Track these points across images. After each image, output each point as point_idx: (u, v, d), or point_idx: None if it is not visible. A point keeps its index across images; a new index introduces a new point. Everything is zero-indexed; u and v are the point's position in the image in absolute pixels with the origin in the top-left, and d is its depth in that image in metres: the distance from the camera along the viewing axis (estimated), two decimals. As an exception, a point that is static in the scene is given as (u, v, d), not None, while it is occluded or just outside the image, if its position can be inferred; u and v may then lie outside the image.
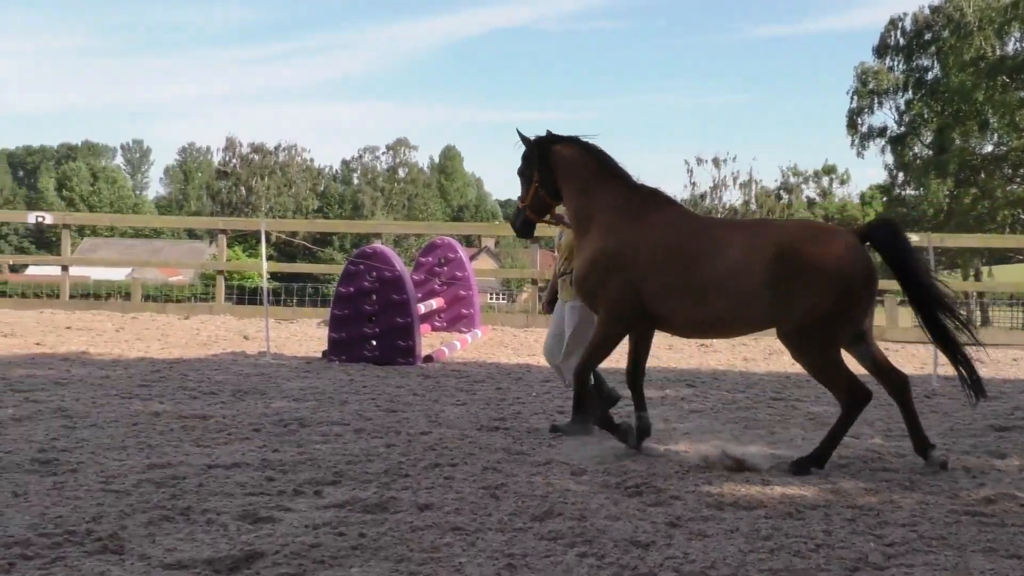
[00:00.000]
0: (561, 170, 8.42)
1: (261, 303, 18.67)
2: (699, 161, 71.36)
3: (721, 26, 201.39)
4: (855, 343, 7.76)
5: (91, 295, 23.93)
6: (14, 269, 65.13)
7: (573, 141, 8.50)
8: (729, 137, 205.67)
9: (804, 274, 7.40)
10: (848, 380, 7.56)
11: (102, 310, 19.12)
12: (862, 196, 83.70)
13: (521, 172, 8.69)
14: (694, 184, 71.36)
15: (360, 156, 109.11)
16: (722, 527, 5.94)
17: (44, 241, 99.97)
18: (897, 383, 7.76)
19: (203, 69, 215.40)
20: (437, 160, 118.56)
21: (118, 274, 58.53)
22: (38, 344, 14.17)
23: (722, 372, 13.37)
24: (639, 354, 8.45)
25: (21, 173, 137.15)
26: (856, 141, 65.95)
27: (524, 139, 8.68)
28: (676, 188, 72.90)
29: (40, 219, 20.99)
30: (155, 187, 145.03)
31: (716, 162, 71.15)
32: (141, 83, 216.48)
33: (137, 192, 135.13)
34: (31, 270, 65.16)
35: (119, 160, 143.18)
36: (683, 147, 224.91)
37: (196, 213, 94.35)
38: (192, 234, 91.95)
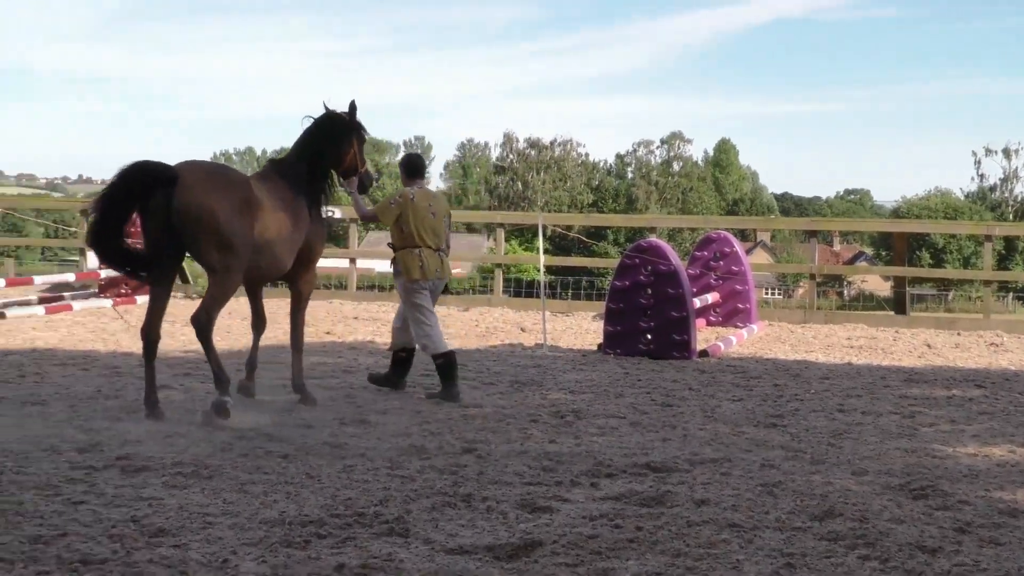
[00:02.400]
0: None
1: (538, 296, 18.94)
2: (987, 152, 68.14)
3: (1009, 11, 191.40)
4: None
5: (376, 287, 24.79)
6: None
7: None
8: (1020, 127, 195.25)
9: None
10: None
11: (387, 301, 19.75)
12: None
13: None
14: (982, 176, 68.25)
15: (634, 150, 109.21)
16: (1016, 535, 5.68)
17: (332, 235, 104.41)
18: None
19: (482, 66, 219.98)
20: (712, 153, 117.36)
21: (401, 267, 60.35)
22: (328, 333, 14.82)
23: (1013, 373, 12.75)
24: None
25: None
26: None
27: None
28: (963, 180, 69.95)
29: (330, 213, 21.85)
30: (435, 182, 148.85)
31: (1007, 152, 67.80)
32: (423, 81, 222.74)
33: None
34: (321, 262, 68.05)
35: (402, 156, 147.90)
36: (968, 138, 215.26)
37: (474, 207, 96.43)
38: (470, 228, 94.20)
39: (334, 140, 9.43)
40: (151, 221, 8.27)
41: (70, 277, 18.93)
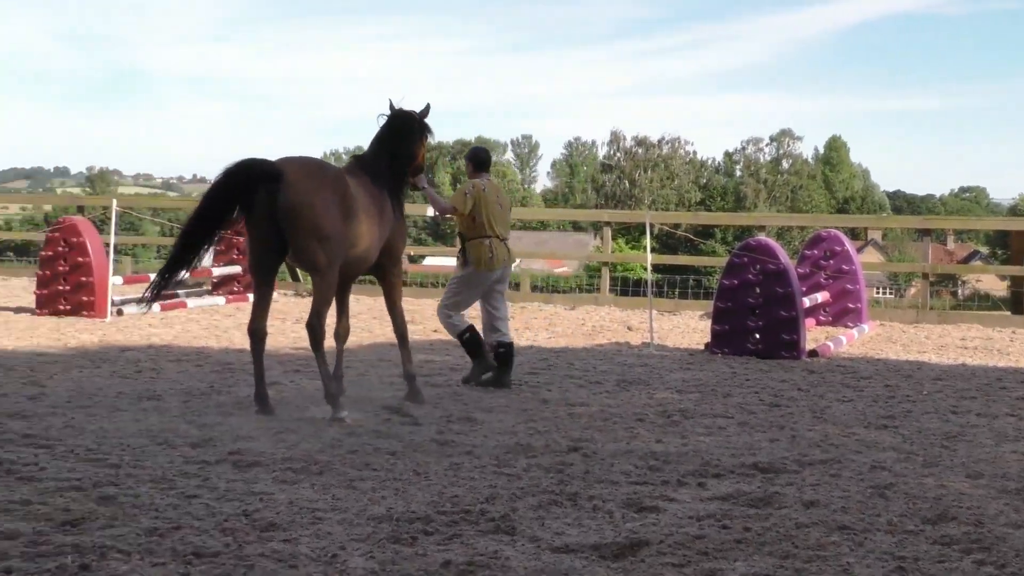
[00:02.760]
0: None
1: (644, 294, 18.86)
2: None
3: None
4: None
5: (482, 285, 24.87)
6: (413, 260, 68.69)
7: None
8: None
9: None
10: None
11: (493, 300, 19.81)
12: None
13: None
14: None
15: (743, 148, 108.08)
16: None
17: (440, 233, 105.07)
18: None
19: (589, 65, 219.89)
20: (822, 151, 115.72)
21: (507, 265, 60.51)
22: (435, 331, 14.90)
23: None
24: None
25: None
26: None
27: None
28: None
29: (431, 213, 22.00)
30: (542, 180, 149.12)
31: None
32: (530, 80, 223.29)
33: (525, 185, 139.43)
34: (428, 260, 68.54)
35: (509, 155, 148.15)
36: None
37: (581, 206, 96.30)
38: (577, 226, 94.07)
39: (408, 137, 9.54)
40: (256, 219, 8.39)
41: (184, 275, 19.32)
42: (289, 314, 16.38)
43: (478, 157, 10.70)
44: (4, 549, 4.89)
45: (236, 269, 18.81)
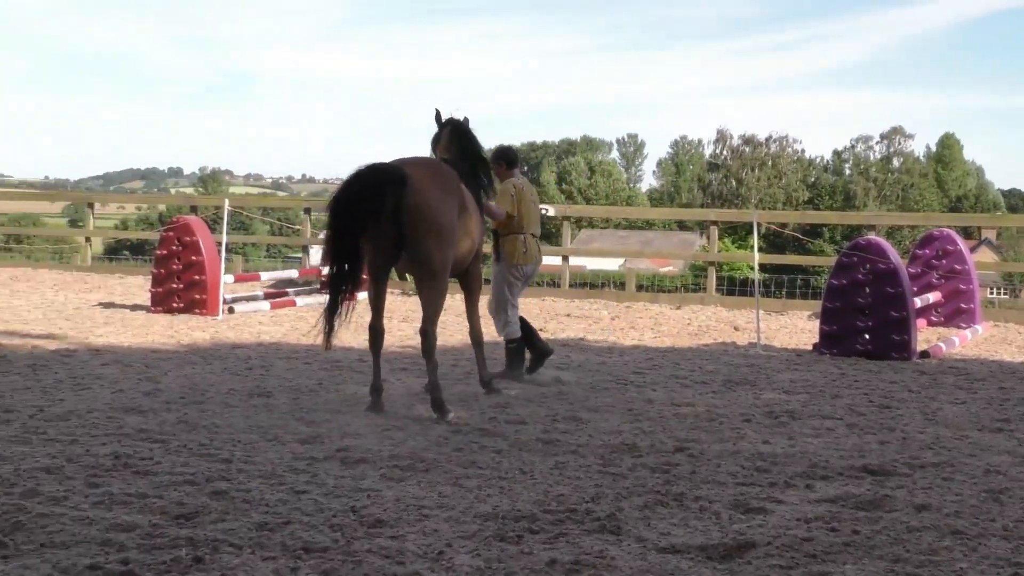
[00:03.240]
0: None
1: (751, 294, 18.70)
2: None
3: None
4: None
5: (587, 284, 24.87)
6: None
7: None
8: None
9: None
10: None
11: (598, 299, 19.81)
12: None
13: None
14: None
15: (852, 146, 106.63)
16: None
17: (545, 232, 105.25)
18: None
19: (696, 63, 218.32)
20: (934, 149, 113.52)
21: (612, 264, 60.50)
22: (541, 330, 14.91)
23: None
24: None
25: (525, 168, 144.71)
26: None
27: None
28: None
29: (544, 211, 22.03)
30: (648, 179, 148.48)
31: None
32: (636, 79, 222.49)
33: (631, 185, 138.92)
34: (533, 260, 68.62)
35: (615, 154, 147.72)
36: None
37: (687, 205, 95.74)
38: (683, 225, 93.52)
39: (477, 143, 9.89)
40: (382, 221, 8.38)
41: (293, 274, 19.62)
42: (395, 313, 16.53)
43: (508, 156, 10.76)
44: (122, 541, 5.02)
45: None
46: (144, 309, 16.07)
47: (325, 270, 18.45)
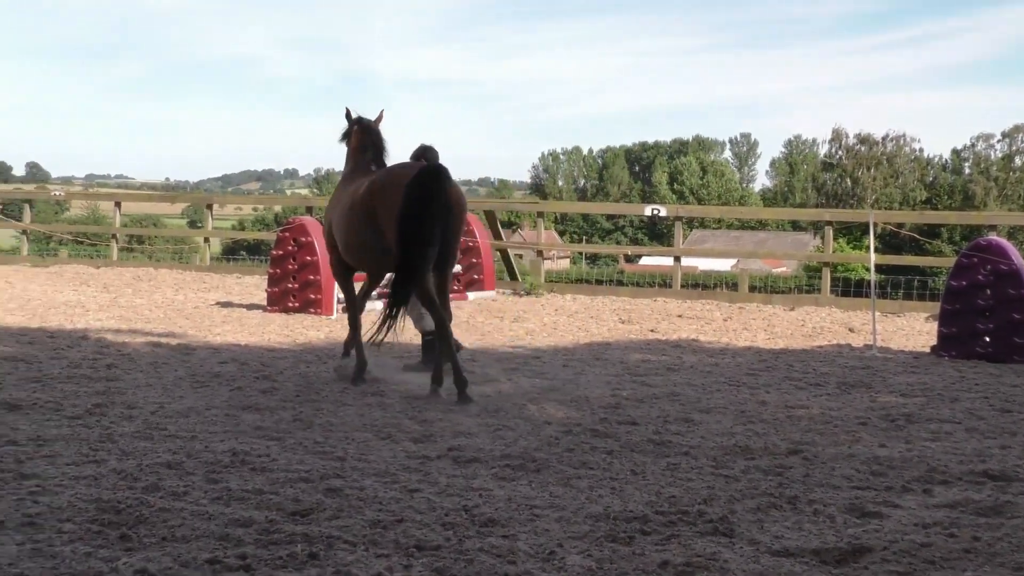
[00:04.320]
0: None
1: (866, 295, 18.40)
2: None
3: None
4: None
5: (699, 285, 24.73)
6: (630, 259, 68.73)
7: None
8: None
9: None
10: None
11: (710, 299, 19.67)
12: None
13: None
14: None
15: (972, 144, 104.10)
16: None
17: (655, 233, 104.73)
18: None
19: (810, 61, 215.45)
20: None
21: (724, 265, 60.05)
22: (652, 331, 14.89)
23: None
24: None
25: (637, 168, 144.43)
26: None
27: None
28: None
29: (656, 211, 21.93)
30: (761, 179, 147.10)
31: None
32: (749, 78, 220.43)
33: (743, 185, 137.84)
34: (644, 260, 68.45)
35: (727, 154, 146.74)
36: None
37: (801, 205, 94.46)
38: (796, 226, 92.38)
39: (381, 140, 10.75)
40: (437, 216, 8.98)
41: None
42: (507, 313, 16.60)
43: (427, 156, 10.88)
44: (239, 536, 5.12)
45: (456, 268, 19.16)
46: (260, 308, 16.36)
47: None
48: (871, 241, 14.95)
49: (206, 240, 25.83)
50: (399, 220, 8.99)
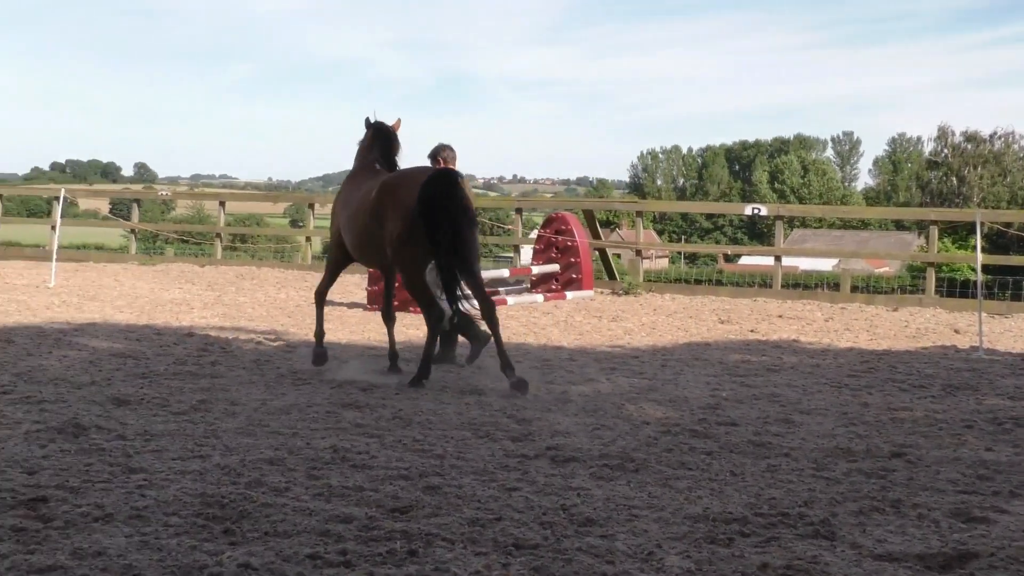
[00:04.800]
0: None
1: (972, 296, 18.06)
2: None
3: None
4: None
5: (800, 285, 24.44)
6: (729, 259, 68.19)
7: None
8: None
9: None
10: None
11: (811, 300, 19.44)
12: None
13: None
14: None
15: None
16: None
17: (755, 232, 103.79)
18: (486, 309, 9.66)
19: (915, 58, 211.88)
20: None
21: (825, 264, 59.28)
22: (752, 331, 14.75)
23: None
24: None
25: (737, 167, 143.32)
26: None
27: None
28: None
29: (756, 211, 21.74)
30: (863, 178, 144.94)
31: None
32: (852, 76, 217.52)
33: (845, 184, 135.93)
34: (743, 260, 67.88)
35: (829, 152, 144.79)
36: None
37: (904, 204, 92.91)
38: (900, 225, 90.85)
39: (392, 142, 11.07)
40: (451, 217, 9.44)
41: (504, 273, 19.86)
42: (605, 312, 16.57)
43: (442, 155, 11.62)
44: (340, 532, 5.18)
45: (555, 267, 19.20)
46: (360, 307, 16.53)
47: (536, 269, 18.76)
48: (978, 241, 14.66)
49: (308, 239, 26.17)
50: (412, 219, 9.41)
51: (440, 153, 11.58)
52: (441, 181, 9.53)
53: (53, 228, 23.32)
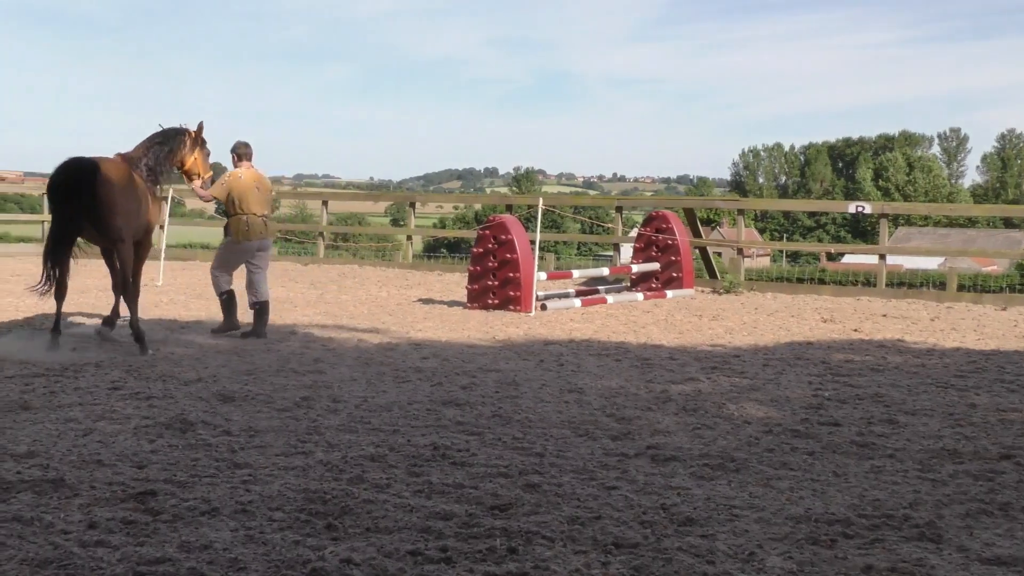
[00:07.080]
0: None
1: (1085, 295, 17.58)
2: None
3: None
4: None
5: (905, 284, 24.03)
6: (831, 257, 67.27)
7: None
8: None
9: None
10: None
11: (917, 299, 19.10)
12: None
13: None
14: None
15: None
16: None
17: (859, 230, 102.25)
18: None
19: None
20: None
21: (931, 263, 58.18)
22: (856, 331, 14.53)
23: None
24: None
25: (840, 164, 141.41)
26: None
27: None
28: None
29: (860, 208, 21.46)
30: (971, 175, 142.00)
31: None
32: (959, 72, 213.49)
33: (952, 181, 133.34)
34: (847, 258, 66.90)
35: (935, 149, 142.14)
36: None
37: (1014, 201, 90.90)
38: (1008, 223, 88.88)
39: (168, 145, 12.13)
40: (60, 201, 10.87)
41: (604, 271, 19.81)
42: (706, 311, 16.45)
43: (237, 151, 12.89)
44: (440, 528, 5.22)
45: (655, 266, 19.12)
46: (461, 305, 16.60)
47: (636, 268, 18.71)
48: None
49: (408, 238, 26.35)
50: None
51: (237, 150, 12.89)
52: (58, 171, 10.87)
53: (161, 227, 23.79)
